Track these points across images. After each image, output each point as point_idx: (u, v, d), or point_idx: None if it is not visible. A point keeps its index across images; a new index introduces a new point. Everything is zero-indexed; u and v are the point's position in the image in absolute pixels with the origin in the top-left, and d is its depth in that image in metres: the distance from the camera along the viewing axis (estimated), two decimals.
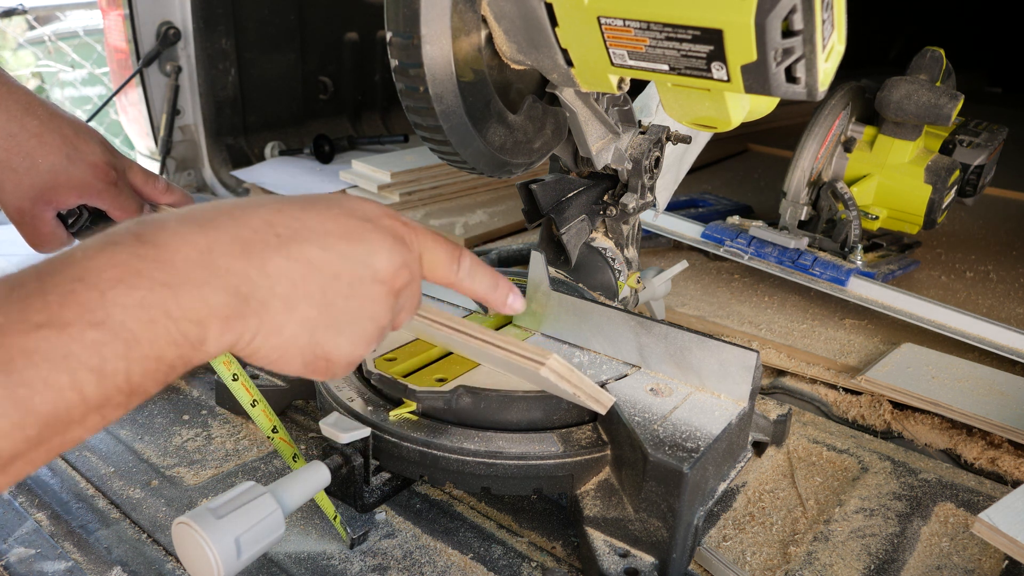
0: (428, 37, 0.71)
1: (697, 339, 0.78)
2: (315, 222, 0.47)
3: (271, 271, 0.44)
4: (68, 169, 0.74)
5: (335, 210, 0.49)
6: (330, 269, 0.46)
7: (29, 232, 0.77)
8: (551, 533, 0.80)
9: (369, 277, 0.48)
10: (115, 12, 1.88)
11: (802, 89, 0.60)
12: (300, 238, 0.46)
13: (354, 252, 0.48)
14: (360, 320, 0.49)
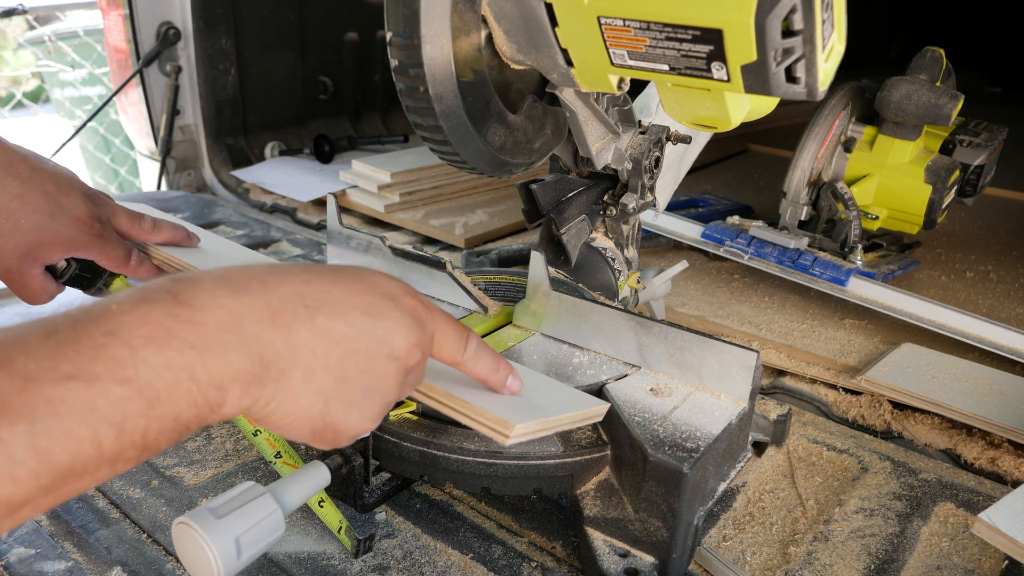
0: (428, 37, 0.71)
1: (697, 339, 0.78)
2: (341, 295, 0.49)
3: (296, 341, 0.46)
4: (52, 226, 0.75)
5: (360, 285, 0.51)
6: (350, 344, 0.48)
7: (18, 288, 0.79)
8: (551, 533, 0.80)
9: (385, 354, 0.50)
10: (115, 12, 1.88)
11: (802, 89, 0.60)
12: (326, 311, 0.48)
13: (374, 329, 0.50)
14: (371, 394, 0.51)
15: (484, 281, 1.02)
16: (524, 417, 0.61)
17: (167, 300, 0.42)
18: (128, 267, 0.83)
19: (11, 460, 0.35)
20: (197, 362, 0.41)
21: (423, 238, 1.70)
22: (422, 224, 1.69)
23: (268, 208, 1.90)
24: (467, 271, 1.01)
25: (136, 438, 0.40)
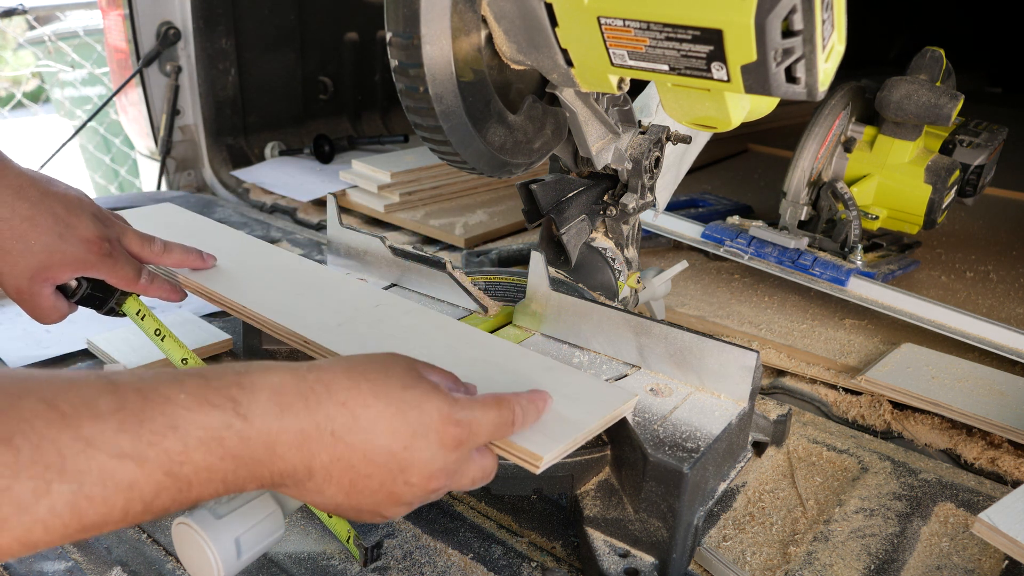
0: (428, 37, 0.71)
1: (697, 339, 0.78)
2: (369, 423, 0.51)
3: (315, 466, 0.50)
4: (62, 247, 0.77)
5: (393, 409, 0.52)
6: (365, 470, 0.52)
7: (30, 308, 0.80)
8: (551, 533, 0.80)
9: (401, 480, 0.53)
10: (115, 12, 1.88)
11: (802, 89, 0.60)
12: (347, 441, 0.51)
13: (392, 461, 0.52)
14: (384, 507, 0.54)
15: (484, 281, 1.02)
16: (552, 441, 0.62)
17: (228, 408, 0.47)
18: (139, 286, 0.84)
19: (52, 512, 0.40)
20: (231, 471, 0.47)
21: (423, 238, 1.70)
22: (422, 224, 1.69)
23: (268, 208, 1.90)
24: (467, 271, 1.01)
25: (157, 511, 0.45)
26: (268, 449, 0.48)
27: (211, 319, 1.20)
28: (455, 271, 0.94)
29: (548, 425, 0.65)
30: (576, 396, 0.69)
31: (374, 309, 0.85)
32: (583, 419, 0.66)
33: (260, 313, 0.84)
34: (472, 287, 0.94)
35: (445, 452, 0.54)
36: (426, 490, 0.54)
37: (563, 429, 0.65)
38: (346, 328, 0.81)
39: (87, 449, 0.41)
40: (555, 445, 0.62)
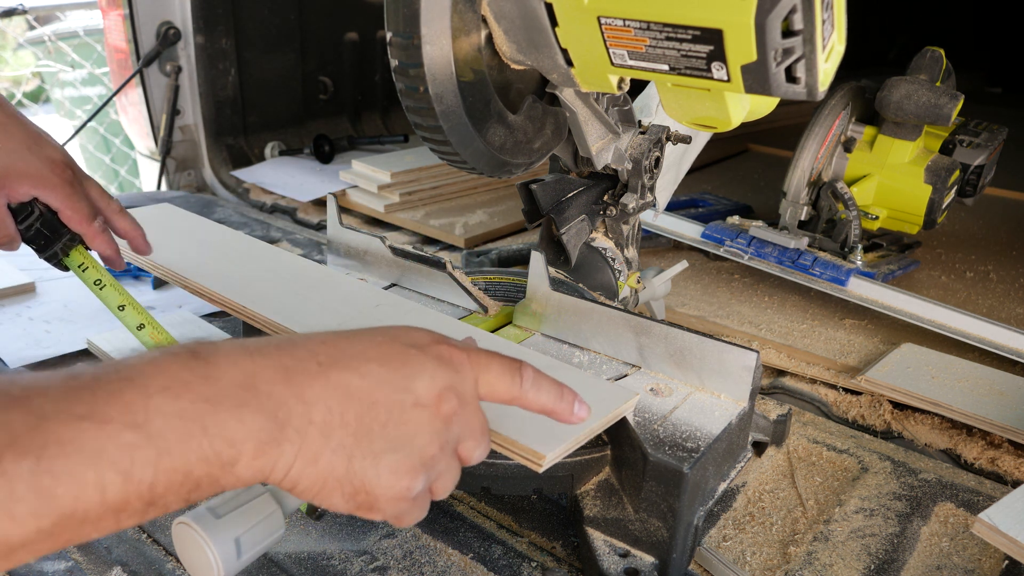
0: (428, 37, 0.71)
1: (697, 339, 0.78)
2: (357, 350, 0.48)
3: (308, 398, 0.45)
4: (27, 158, 0.76)
5: (380, 337, 0.50)
6: (367, 396, 0.46)
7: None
8: (551, 533, 0.80)
9: (410, 402, 0.48)
10: (115, 12, 1.88)
11: (802, 89, 0.60)
12: (340, 366, 0.47)
13: (392, 377, 0.47)
14: (400, 446, 0.47)
15: (484, 281, 1.02)
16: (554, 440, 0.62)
17: (185, 355, 0.43)
18: (91, 227, 0.82)
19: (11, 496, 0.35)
20: (209, 415, 0.41)
21: (423, 238, 1.70)
22: (422, 224, 1.69)
23: (268, 208, 1.90)
24: (467, 271, 1.01)
25: (143, 490, 0.39)
26: (247, 388, 0.43)
27: (211, 319, 1.20)
28: (455, 271, 0.94)
29: (550, 423, 0.65)
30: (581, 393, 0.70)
31: (374, 309, 0.85)
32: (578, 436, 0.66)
33: (260, 313, 0.84)
34: (472, 287, 0.94)
35: (447, 369, 0.49)
36: (439, 415, 0.48)
37: (564, 428, 0.65)
38: (348, 329, 0.81)
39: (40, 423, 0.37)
40: (557, 444, 0.62)
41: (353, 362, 0.47)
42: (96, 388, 0.39)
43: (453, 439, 0.50)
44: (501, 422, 0.65)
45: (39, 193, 0.79)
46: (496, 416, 0.65)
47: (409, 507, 0.49)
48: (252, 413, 0.43)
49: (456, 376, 0.50)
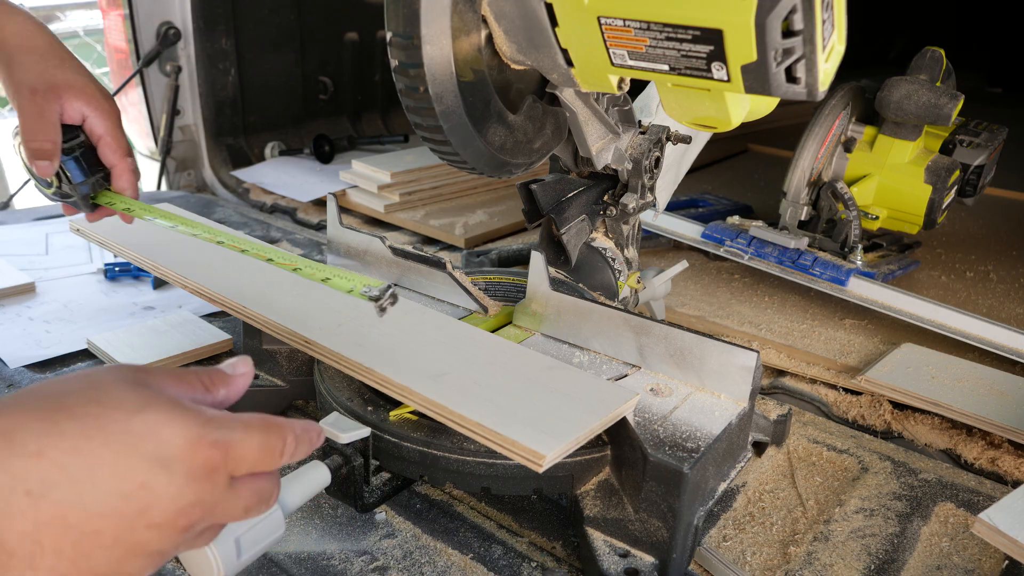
0: (428, 37, 0.71)
1: (697, 339, 0.78)
2: (83, 472, 0.40)
3: (11, 541, 0.38)
4: (86, 79, 0.80)
5: (116, 447, 0.41)
6: (89, 526, 0.40)
7: (32, 115, 0.78)
8: (551, 533, 0.80)
9: (142, 525, 0.42)
10: (115, 12, 1.88)
11: (802, 89, 0.60)
12: (56, 496, 0.39)
13: (123, 508, 0.41)
14: (128, 561, 0.42)
15: (484, 281, 1.02)
16: (554, 440, 0.62)
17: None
18: (124, 161, 0.83)
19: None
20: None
21: (423, 238, 1.70)
22: (422, 224, 1.69)
23: (268, 208, 1.90)
24: (467, 271, 1.01)
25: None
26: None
27: (211, 319, 1.20)
28: (455, 271, 0.94)
29: (550, 424, 0.65)
30: (577, 395, 0.70)
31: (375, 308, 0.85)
32: (584, 418, 0.66)
33: (260, 313, 0.84)
34: (472, 287, 0.94)
35: (197, 484, 0.43)
36: (177, 529, 0.43)
37: (565, 428, 0.65)
38: (347, 328, 0.81)
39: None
40: (557, 443, 0.62)
41: (76, 489, 0.40)
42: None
43: (197, 532, 0.46)
44: (502, 422, 0.65)
45: (91, 113, 0.80)
46: (497, 416, 0.66)
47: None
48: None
49: (206, 486, 0.44)
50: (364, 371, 0.75)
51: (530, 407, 0.68)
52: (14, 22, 0.79)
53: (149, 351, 1.06)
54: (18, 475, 0.38)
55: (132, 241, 1.03)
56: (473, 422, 0.65)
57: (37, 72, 0.78)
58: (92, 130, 0.81)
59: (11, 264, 1.35)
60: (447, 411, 0.68)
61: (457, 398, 0.69)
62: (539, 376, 0.73)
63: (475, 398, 0.69)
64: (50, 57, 0.79)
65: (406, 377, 0.72)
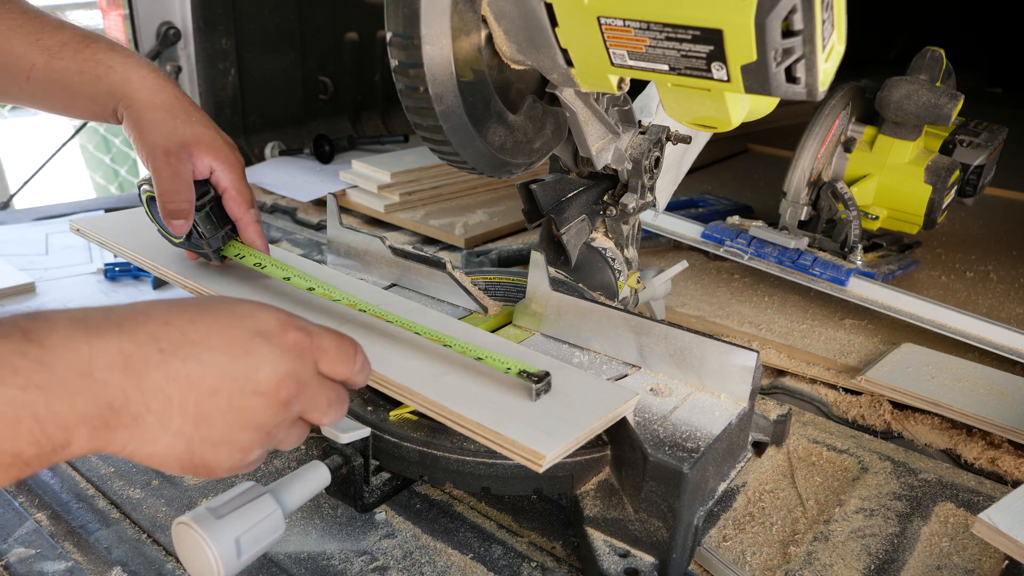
0: (428, 37, 0.71)
1: (697, 339, 0.78)
2: (200, 335, 0.48)
3: (147, 388, 0.45)
4: (212, 133, 0.81)
5: (224, 320, 0.50)
6: (207, 385, 0.47)
7: (168, 177, 0.78)
8: (551, 533, 0.80)
9: (250, 390, 0.49)
10: (115, 12, 1.88)
11: (802, 89, 0.60)
12: (181, 354, 0.47)
13: (234, 368, 0.49)
14: (239, 432, 0.49)
15: (484, 281, 1.02)
16: (554, 440, 0.63)
17: (18, 337, 0.42)
18: (248, 213, 0.84)
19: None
20: (41, 402, 0.41)
21: (423, 238, 1.70)
22: (422, 224, 1.69)
23: (268, 208, 1.90)
24: (467, 271, 1.01)
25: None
26: (83, 375, 0.43)
27: None
28: (455, 271, 0.94)
29: (550, 424, 0.65)
30: (577, 395, 0.70)
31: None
32: (584, 418, 0.66)
33: None
34: (472, 287, 0.94)
35: (290, 357, 0.51)
36: (278, 401, 0.50)
37: (565, 428, 0.65)
38: (347, 329, 0.81)
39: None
40: (557, 443, 0.62)
41: (195, 349, 0.47)
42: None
43: (293, 415, 0.53)
44: (502, 422, 0.65)
45: (218, 166, 0.81)
46: (497, 416, 0.66)
47: (246, 467, 0.52)
48: (86, 401, 0.43)
49: (298, 363, 0.52)
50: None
51: (530, 407, 0.68)
52: (139, 76, 0.79)
53: None
54: (153, 336, 0.46)
55: (132, 241, 1.03)
56: (473, 422, 0.65)
57: (167, 131, 0.78)
58: (218, 182, 0.82)
59: (11, 264, 1.35)
60: (447, 411, 0.68)
61: (457, 398, 0.69)
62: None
63: (475, 398, 0.69)
64: (177, 112, 0.79)
65: (406, 377, 0.72)
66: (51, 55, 0.78)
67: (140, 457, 0.47)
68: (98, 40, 0.80)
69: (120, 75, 0.79)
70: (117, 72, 0.79)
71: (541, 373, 0.69)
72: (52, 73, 0.78)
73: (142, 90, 0.79)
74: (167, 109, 0.79)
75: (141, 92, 0.79)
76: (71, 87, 0.79)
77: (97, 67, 0.78)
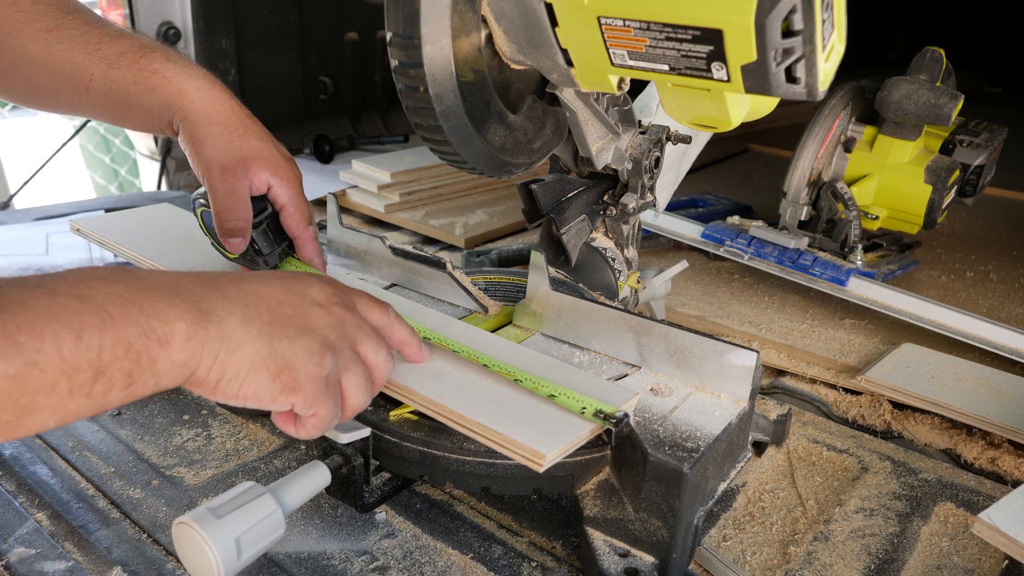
0: (428, 37, 0.71)
1: (697, 339, 0.78)
2: (258, 277, 0.60)
3: (228, 295, 0.54)
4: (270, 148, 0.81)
5: (274, 275, 0.62)
6: (275, 298, 0.58)
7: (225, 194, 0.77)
8: (551, 533, 0.80)
9: (308, 302, 0.60)
10: (115, 12, 1.89)
11: (802, 89, 0.60)
12: (248, 279, 0.58)
13: (292, 286, 0.60)
14: (307, 332, 0.58)
15: (484, 281, 1.02)
16: (554, 440, 0.63)
17: (115, 269, 0.50)
18: (306, 231, 0.84)
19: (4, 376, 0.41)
20: (144, 298, 0.48)
21: (423, 238, 1.70)
22: (422, 224, 1.69)
23: None
24: (467, 271, 1.01)
25: (92, 355, 0.45)
26: (173, 287, 0.51)
27: None
28: (455, 271, 0.94)
29: (550, 423, 0.65)
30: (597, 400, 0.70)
31: None
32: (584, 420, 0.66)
33: None
34: (472, 287, 0.94)
35: (335, 290, 0.63)
36: (332, 314, 0.60)
37: (565, 427, 0.65)
38: None
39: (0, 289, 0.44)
40: (558, 443, 0.62)
41: (258, 277, 0.59)
42: (45, 277, 0.46)
43: (350, 336, 0.61)
44: (502, 422, 0.65)
45: (276, 182, 0.80)
46: (497, 416, 0.66)
47: (324, 389, 0.58)
48: (181, 300, 0.50)
49: (341, 294, 0.63)
50: None
51: (530, 407, 0.68)
52: (194, 87, 0.78)
53: None
54: (220, 273, 0.58)
55: (132, 241, 1.03)
56: (474, 422, 0.66)
57: (224, 145, 0.77)
58: (276, 198, 0.81)
59: (11, 264, 1.35)
60: (448, 411, 0.68)
61: (458, 398, 0.69)
62: (539, 376, 0.73)
63: (476, 398, 0.69)
64: (234, 126, 0.78)
65: (406, 377, 0.72)
66: (109, 65, 0.77)
67: (230, 363, 0.53)
68: (155, 49, 0.79)
69: (175, 86, 0.77)
70: (171, 83, 0.77)
71: (620, 415, 0.67)
72: (110, 83, 0.77)
73: (197, 102, 0.78)
74: (223, 123, 0.78)
75: (196, 104, 0.77)
76: (127, 98, 0.78)
77: (152, 77, 0.77)
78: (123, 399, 0.47)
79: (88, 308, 0.45)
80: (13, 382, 0.41)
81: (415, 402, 0.71)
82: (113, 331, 0.45)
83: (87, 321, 0.44)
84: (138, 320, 0.47)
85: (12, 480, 0.84)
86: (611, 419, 0.67)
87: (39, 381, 0.43)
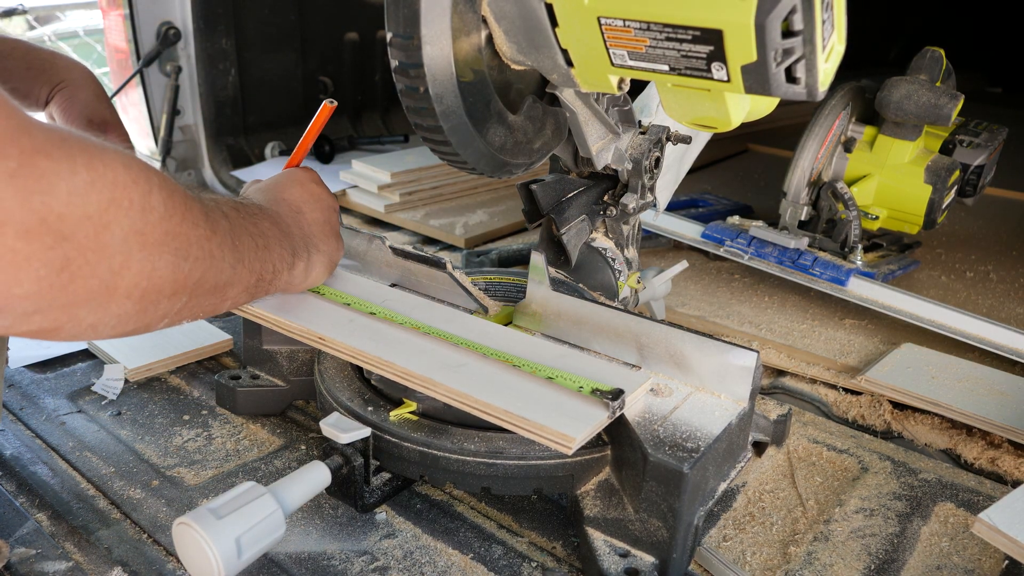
0: (428, 37, 0.71)
1: (697, 339, 0.78)
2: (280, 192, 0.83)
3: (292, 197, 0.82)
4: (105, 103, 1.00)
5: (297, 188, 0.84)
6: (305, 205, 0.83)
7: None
8: (551, 533, 0.80)
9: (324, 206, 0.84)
10: (115, 12, 1.88)
11: (802, 89, 0.60)
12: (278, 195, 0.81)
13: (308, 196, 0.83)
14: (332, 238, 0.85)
15: (484, 281, 1.02)
16: (581, 424, 0.66)
17: (269, 216, 0.76)
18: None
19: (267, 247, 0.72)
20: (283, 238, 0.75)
21: (423, 238, 1.70)
22: (422, 224, 1.69)
23: None
24: (467, 271, 1.01)
25: (267, 260, 0.71)
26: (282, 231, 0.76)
27: (211, 319, 1.20)
28: (455, 271, 0.94)
29: (573, 408, 0.67)
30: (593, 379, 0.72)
31: (380, 304, 0.86)
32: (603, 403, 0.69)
33: (260, 311, 0.84)
34: (472, 287, 0.94)
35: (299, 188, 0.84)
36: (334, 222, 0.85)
37: (588, 411, 0.68)
38: (357, 324, 0.82)
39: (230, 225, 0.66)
40: (584, 426, 0.65)
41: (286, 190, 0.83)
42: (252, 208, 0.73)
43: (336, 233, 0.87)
44: (528, 408, 0.67)
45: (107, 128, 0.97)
46: (522, 404, 0.68)
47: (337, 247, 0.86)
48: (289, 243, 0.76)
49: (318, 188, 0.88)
50: (385, 364, 0.75)
51: (550, 393, 0.70)
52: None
53: (149, 351, 1.06)
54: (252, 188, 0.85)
55: None
56: (501, 409, 0.67)
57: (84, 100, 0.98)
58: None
59: None
60: (473, 400, 0.69)
61: (481, 387, 0.70)
62: (554, 363, 0.74)
63: (497, 386, 0.71)
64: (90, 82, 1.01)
65: (427, 369, 0.73)
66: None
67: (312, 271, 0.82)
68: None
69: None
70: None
71: (615, 391, 0.70)
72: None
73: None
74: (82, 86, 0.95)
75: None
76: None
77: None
78: (257, 296, 0.73)
79: (266, 226, 0.72)
80: (248, 280, 0.68)
81: (439, 393, 0.71)
82: (267, 255, 0.71)
83: (270, 233, 0.72)
84: (280, 244, 0.74)
85: (12, 480, 0.84)
86: (607, 395, 0.69)
87: (241, 276, 0.67)
